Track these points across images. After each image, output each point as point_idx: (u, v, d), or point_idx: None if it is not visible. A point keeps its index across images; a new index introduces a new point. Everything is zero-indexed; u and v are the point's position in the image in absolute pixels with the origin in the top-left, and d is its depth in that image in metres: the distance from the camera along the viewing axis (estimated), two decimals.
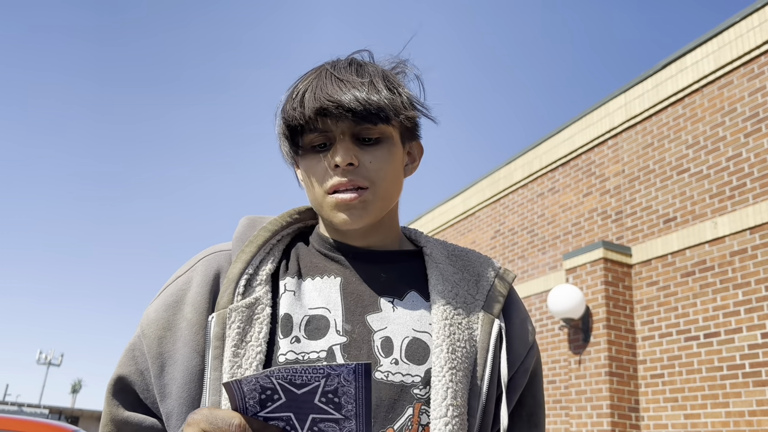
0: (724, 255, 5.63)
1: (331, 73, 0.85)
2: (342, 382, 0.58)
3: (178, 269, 0.92)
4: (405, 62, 0.94)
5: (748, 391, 5.18)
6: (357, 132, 0.84)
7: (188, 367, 0.81)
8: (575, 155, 7.76)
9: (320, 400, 0.59)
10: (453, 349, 0.82)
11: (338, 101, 0.81)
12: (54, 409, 36.57)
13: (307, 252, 0.92)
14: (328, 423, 0.60)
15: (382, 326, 0.84)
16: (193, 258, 0.92)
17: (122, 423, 0.84)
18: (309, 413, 0.60)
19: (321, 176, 0.85)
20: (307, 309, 0.84)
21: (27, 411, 15.35)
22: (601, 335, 6.09)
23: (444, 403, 0.79)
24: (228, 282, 0.84)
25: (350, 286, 0.87)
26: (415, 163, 0.97)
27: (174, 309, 0.85)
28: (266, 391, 0.59)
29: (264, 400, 0.59)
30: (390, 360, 0.81)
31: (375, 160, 0.85)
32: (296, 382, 0.58)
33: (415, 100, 0.90)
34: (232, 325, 0.80)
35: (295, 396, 0.59)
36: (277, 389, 0.59)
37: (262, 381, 0.58)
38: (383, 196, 0.86)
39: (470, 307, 0.88)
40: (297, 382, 0.58)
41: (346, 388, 0.58)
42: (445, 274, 0.90)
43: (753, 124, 5.68)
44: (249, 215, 0.96)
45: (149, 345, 0.84)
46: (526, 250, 8.26)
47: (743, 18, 5.95)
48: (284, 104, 0.88)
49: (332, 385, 0.58)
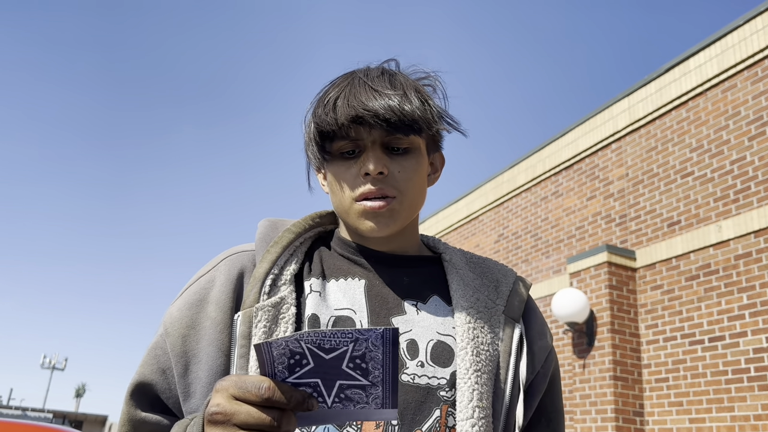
0: (729, 258, 5.62)
1: (364, 81, 0.86)
2: (370, 347, 0.58)
3: (201, 269, 0.92)
4: (433, 75, 0.94)
5: (754, 395, 5.16)
6: (387, 141, 0.86)
7: (213, 367, 0.82)
8: (579, 159, 7.75)
9: (348, 366, 0.59)
10: (477, 352, 0.84)
11: (373, 110, 0.82)
12: (58, 413, 36.60)
13: (329, 255, 0.93)
14: (354, 390, 0.61)
15: (407, 329, 0.85)
16: (216, 258, 0.93)
17: (139, 423, 0.84)
18: (336, 379, 0.60)
19: (350, 183, 0.86)
20: (333, 309, 0.85)
21: (31, 415, 15.37)
22: (605, 339, 6.08)
23: (470, 404, 0.80)
24: (254, 281, 0.85)
25: (374, 289, 0.88)
26: (437, 173, 0.99)
27: (198, 307, 0.86)
28: (295, 356, 0.59)
29: (293, 365, 0.60)
30: (416, 362, 0.83)
31: (403, 170, 0.86)
32: (325, 347, 0.58)
33: (445, 114, 0.91)
34: (259, 324, 0.81)
35: (323, 361, 0.59)
36: (306, 354, 0.59)
37: (291, 345, 0.58)
38: (409, 206, 0.88)
39: (491, 312, 0.90)
40: (326, 346, 0.58)
41: (374, 353, 0.59)
42: (466, 280, 0.92)
43: (757, 128, 5.67)
44: (268, 218, 0.97)
45: (173, 344, 0.85)
46: (530, 253, 8.25)
47: (747, 21, 5.95)
48: (315, 109, 0.88)
49: (360, 350, 0.59)
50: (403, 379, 0.81)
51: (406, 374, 0.81)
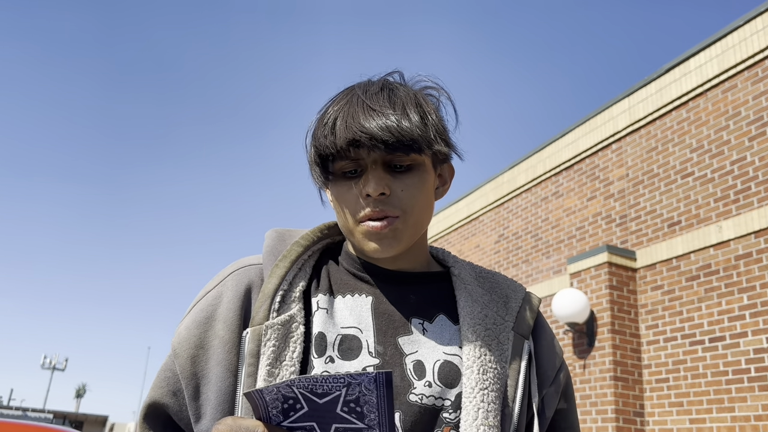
0: (729, 259, 5.62)
1: (363, 100, 0.84)
2: (363, 391, 0.58)
3: (208, 283, 0.91)
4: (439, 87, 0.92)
5: (754, 396, 5.15)
6: (389, 160, 0.84)
7: (221, 388, 0.81)
8: (579, 159, 7.75)
9: (342, 410, 0.59)
10: (484, 370, 0.82)
11: (370, 132, 0.80)
12: (58, 413, 36.63)
13: (336, 269, 0.92)
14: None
15: (413, 350, 0.84)
16: (223, 272, 0.92)
17: None
18: (332, 423, 0.60)
19: (352, 205, 0.84)
20: (339, 328, 0.84)
21: (31, 415, 15.39)
22: (605, 339, 6.08)
23: (475, 423, 0.78)
24: (263, 297, 0.84)
25: (381, 306, 0.87)
26: (446, 185, 0.96)
27: (205, 326, 0.85)
28: (288, 401, 0.59)
29: (287, 409, 0.60)
30: (424, 382, 0.81)
31: (406, 188, 0.84)
32: (317, 392, 0.58)
33: (445, 133, 0.88)
34: (268, 343, 0.80)
35: (317, 405, 0.59)
36: (299, 398, 0.59)
37: (283, 390, 0.58)
38: (414, 224, 0.86)
39: (500, 329, 0.88)
40: (318, 391, 0.58)
41: (368, 397, 0.58)
42: (474, 296, 0.90)
43: (757, 128, 5.67)
44: (275, 228, 0.96)
45: (182, 365, 0.84)
46: (530, 254, 8.25)
47: (747, 22, 5.95)
48: (315, 130, 0.87)
49: (354, 394, 0.58)
50: (411, 399, 0.80)
51: (414, 394, 0.80)
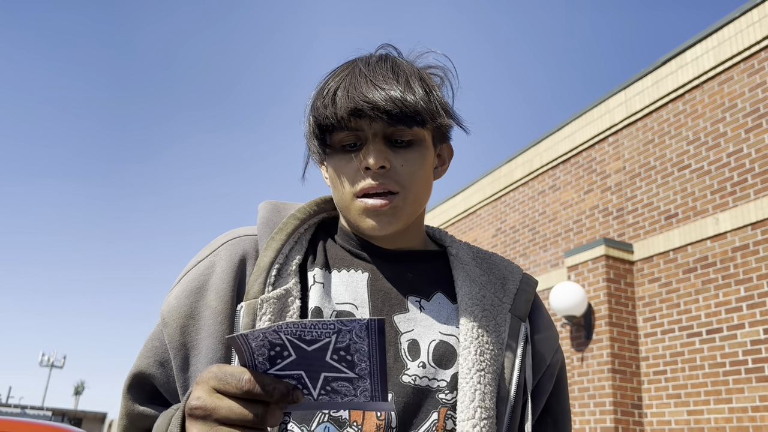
0: (726, 251, 5.63)
1: (365, 71, 0.81)
2: (354, 339, 0.55)
3: (199, 253, 0.88)
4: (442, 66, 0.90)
5: (751, 387, 5.18)
6: (390, 133, 0.81)
7: (213, 359, 0.78)
8: (576, 152, 7.75)
9: (332, 358, 0.56)
10: (481, 351, 0.80)
11: (373, 102, 0.77)
12: (57, 411, 36.61)
13: (332, 245, 0.89)
14: (341, 382, 0.58)
15: (408, 328, 0.82)
16: (215, 241, 0.88)
17: (138, 417, 0.82)
18: (321, 371, 0.57)
19: (351, 177, 0.82)
20: (335, 303, 0.82)
21: (30, 413, 15.38)
22: (603, 332, 6.09)
23: (472, 405, 0.77)
24: (258, 271, 0.81)
25: (377, 283, 0.85)
26: (445, 165, 0.94)
27: (196, 296, 0.82)
28: (275, 348, 0.56)
29: (273, 356, 0.57)
30: (417, 363, 0.80)
31: (407, 163, 0.82)
32: (306, 338, 0.55)
33: (450, 108, 0.86)
34: (263, 317, 0.77)
35: (305, 353, 0.56)
36: (286, 345, 0.56)
37: (270, 336, 0.55)
38: (413, 201, 0.83)
39: (497, 310, 0.86)
40: (306, 338, 0.55)
41: (359, 345, 0.55)
42: (472, 276, 0.88)
43: (753, 120, 5.67)
44: (269, 200, 0.92)
45: (171, 335, 0.81)
46: (528, 247, 8.26)
47: (743, 14, 5.94)
48: (314, 101, 0.84)
49: (344, 342, 0.55)
50: (404, 381, 0.78)
51: (407, 375, 0.79)
